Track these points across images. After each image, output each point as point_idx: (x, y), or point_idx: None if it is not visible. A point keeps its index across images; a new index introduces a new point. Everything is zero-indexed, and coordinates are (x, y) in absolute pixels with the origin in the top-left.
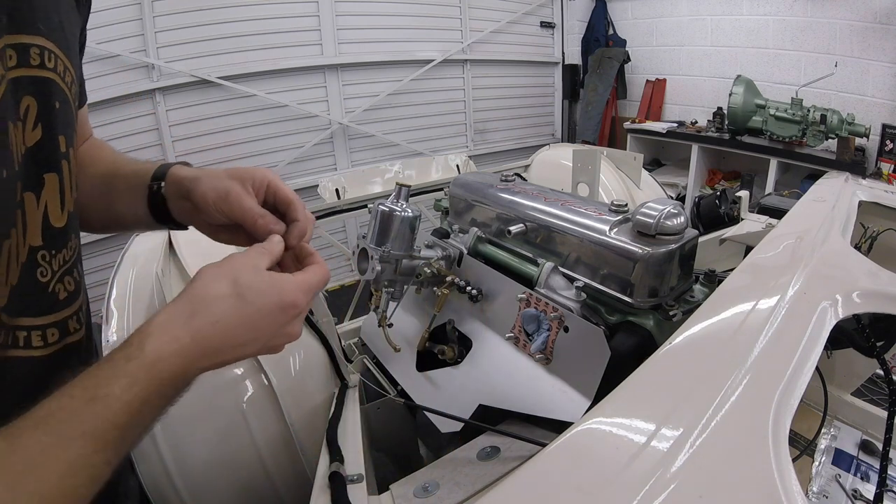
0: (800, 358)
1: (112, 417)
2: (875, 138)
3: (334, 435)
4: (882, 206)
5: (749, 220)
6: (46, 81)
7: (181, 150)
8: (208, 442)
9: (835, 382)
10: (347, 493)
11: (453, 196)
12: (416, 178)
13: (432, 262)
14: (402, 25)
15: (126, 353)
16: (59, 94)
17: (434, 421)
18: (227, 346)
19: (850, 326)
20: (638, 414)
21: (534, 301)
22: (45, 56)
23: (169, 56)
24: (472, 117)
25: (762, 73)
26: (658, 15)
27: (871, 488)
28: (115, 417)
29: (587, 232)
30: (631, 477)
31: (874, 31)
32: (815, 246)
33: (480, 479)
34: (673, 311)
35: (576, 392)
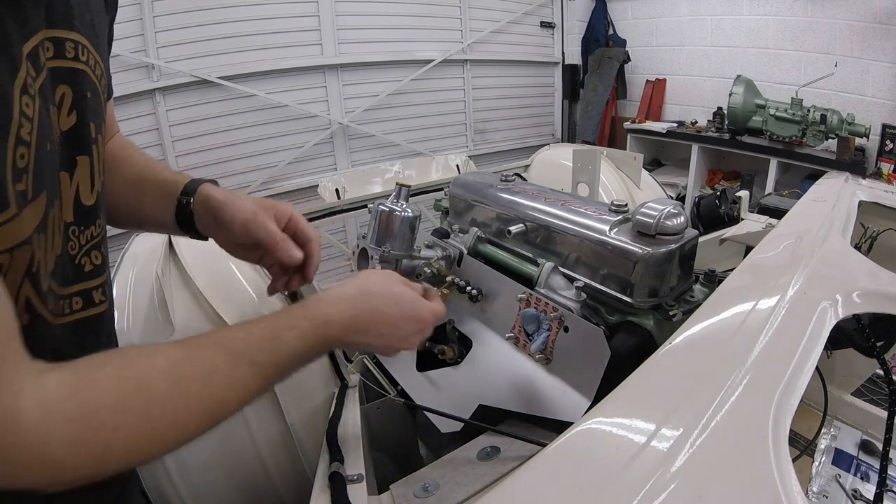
0: (800, 358)
1: (279, 357)
2: (875, 138)
3: (334, 435)
4: (882, 206)
5: (749, 220)
6: (80, 73)
7: (181, 150)
8: (208, 442)
9: (835, 382)
10: (347, 493)
11: (453, 196)
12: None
13: (432, 262)
14: (402, 25)
15: (303, 312)
16: (90, 84)
17: (434, 421)
18: (371, 331)
19: (850, 326)
20: (638, 414)
21: (534, 301)
22: (78, 50)
23: (169, 56)
24: (472, 117)
25: (762, 73)
26: (658, 15)
27: (871, 488)
28: (281, 358)
29: (587, 232)
30: (631, 477)
31: (874, 31)
32: (815, 246)
33: (480, 479)
34: (673, 311)
35: (576, 392)
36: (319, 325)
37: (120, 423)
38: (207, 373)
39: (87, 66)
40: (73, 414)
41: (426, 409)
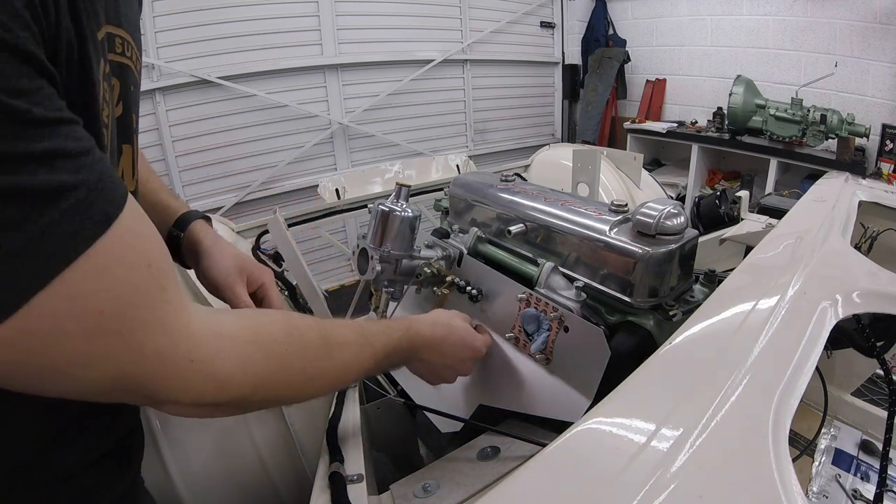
0: (800, 358)
1: (388, 347)
2: (875, 138)
3: (334, 435)
4: (882, 206)
5: (749, 220)
6: (126, 67)
7: (181, 150)
8: (208, 442)
9: (835, 382)
10: (347, 493)
11: (453, 196)
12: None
13: (432, 262)
14: (402, 25)
15: (404, 322)
16: (133, 79)
17: (434, 421)
18: (436, 350)
19: (850, 326)
20: (638, 414)
21: (534, 301)
22: (125, 46)
23: (169, 56)
24: (472, 117)
25: (762, 73)
26: (658, 15)
27: (871, 488)
28: (388, 349)
29: (587, 232)
30: (631, 477)
31: (874, 31)
32: (815, 246)
33: (480, 479)
34: (673, 311)
35: (576, 392)
36: (413, 335)
37: (284, 355)
38: (342, 342)
39: (131, 62)
40: (247, 337)
41: (426, 409)
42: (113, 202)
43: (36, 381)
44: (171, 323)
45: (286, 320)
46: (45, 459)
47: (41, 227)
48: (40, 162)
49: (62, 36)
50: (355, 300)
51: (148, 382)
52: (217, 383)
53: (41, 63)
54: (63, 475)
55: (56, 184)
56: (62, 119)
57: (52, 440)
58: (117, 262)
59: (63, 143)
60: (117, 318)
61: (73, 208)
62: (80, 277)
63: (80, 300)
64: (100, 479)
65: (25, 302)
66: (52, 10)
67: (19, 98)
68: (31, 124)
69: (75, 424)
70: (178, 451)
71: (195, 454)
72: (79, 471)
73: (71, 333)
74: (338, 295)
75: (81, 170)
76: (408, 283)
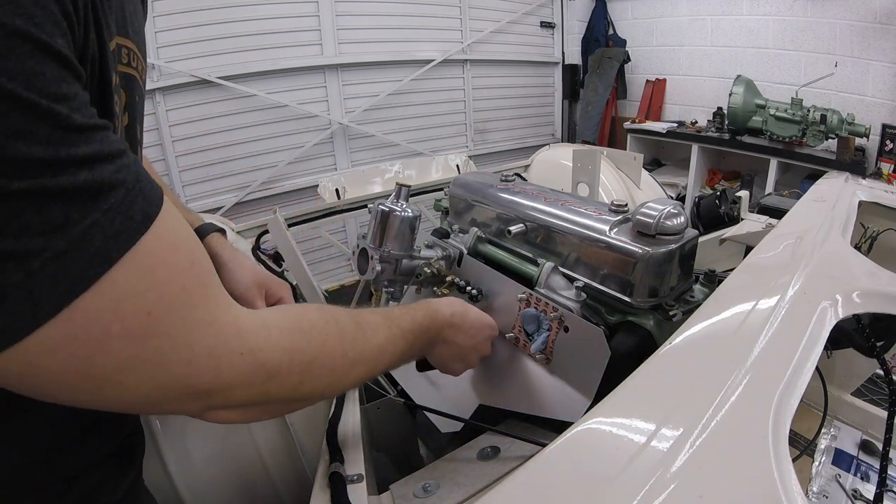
0: (800, 358)
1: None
2: (875, 138)
3: (334, 435)
4: (882, 206)
5: (749, 220)
6: (132, 78)
7: (181, 150)
8: (208, 441)
9: (835, 382)
10: (347, 493)
11: (453, 196)
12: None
13: (432, 262)
14: (402, 25)
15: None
16: (138, 89)
17: (434, 421)
18: (459, 329)
19: (850, 326)
20: (638, 414)
21: (534, 301)
22: (131, 56)
23: (169, 56)
24: (472, 117)
25: (762, 73)
26: (658, 15)
27: (871, 488)
28: (415, 328)
29: (587, 232)
30: (631, 477)
31: (874, 31)
32: (815, 246)
33: (480, 479)
34: (673, 311)
35: (576, 392)
36: (433, 312)
37: (325, 341)
38: (374, 326)
39: (136, 72)
40: (290, 325)
41: (426, 409)
42: (152, 202)
43: (82, 390)
44: (220, 318)
45: (320, 309)
46: (51, 462)
47: (83, 229)
48: (81, 165)
49: (90, 47)
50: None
51: (200, 382)
52: (267, 373)
53: (77, 70)
54: (67, 476)
55: (97, 185)
56: (97, 125)
57: (61, 445)
58: (161, 263)
59: (101, 147)
60: (165, 318)
61: (114, 209)
62: (125, 278)
63: (125, 301)
64: (102, 479)
65: (67, 304)
66: (82, 22)
67: (61, 102)
68: (72, 129)
69: (84, 428)
70: (179, 451)
71: (196, 454)
72: (82, 472)
73: (118, 336)
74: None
75: (120, 171)
76: (408, 283)
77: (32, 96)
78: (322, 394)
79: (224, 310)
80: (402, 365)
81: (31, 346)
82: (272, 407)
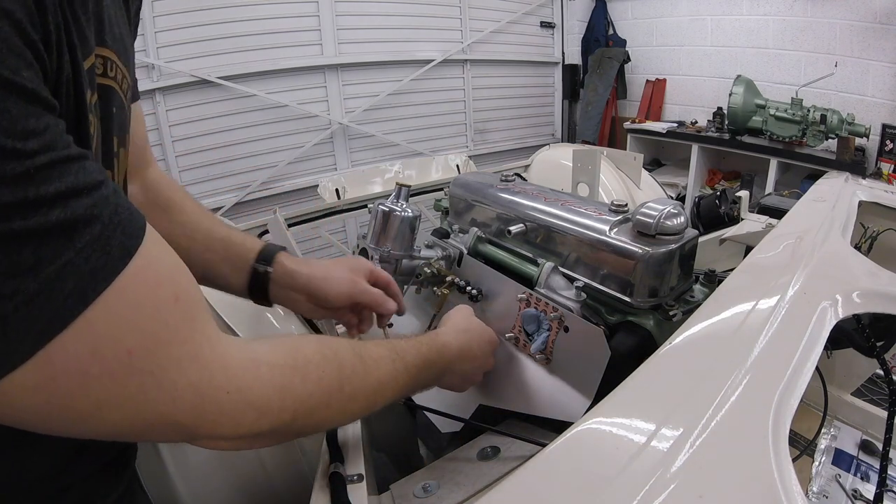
0: (800, 358)
1: (420, 362)
2: (875, 138)
3: (334, 435)
4: (882, 206)
5: (749, 220)
6: (108, 89)
7: (181, 150)
8: None
9: (835, 382)
10: (347, 493)
11: (453, 196)
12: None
13: (432, 262)
14: (402, 25)
15: (431, 337)
16: (116, 100)
17: (434, 421)
18: (468, 357)
19: (850, 326)
20: (638, 414)
21: (534, 301)
22: (107, 65)
23: (169, 56)
24: (472, 117)
25: (762, 73)
26: (658, 15)
27: (871, 488)
28: (421, 363)
29: (587, 232)
30: (631, 477)
31: (874, 31)
32: (815, 246)
33: (480, 479)
34: (673, 311)
35: (576, 392)
36: (441, 346)
37: (321, 377)
38: (376, 359)
39: (114, 82)
40: (284, 361)
41: (426, 409)
42: (132, 234)
43: (65, 425)
44: (206, 355)
45: (320, 341)
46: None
47: (56, 269)
48: (53, 203)
49: (64, 70)
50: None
51: (185, 420)
52: (256, 412)
53: (48, 102)
54: (65, 486)
55: (71, 222)
56: (71, 156)
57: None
58: (143, 298)
59: (75, 181)
60: (147, 357)
61: (89, 246)
62: (103, 318)
63: (104, 342)
64: (98, 486)
65: (42, 346)
66: (53, 48)
67: (30, 139)
68: (43, 167)
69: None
70: (178, 451)
71: (194, 454)
72: (80, 481)
73: (97, 377)
74: None
75: (96, 204)
76: (408, 283)
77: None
78: (317, 429)
79: (211, 345)
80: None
81: (8, 387)
82: (264, 440)
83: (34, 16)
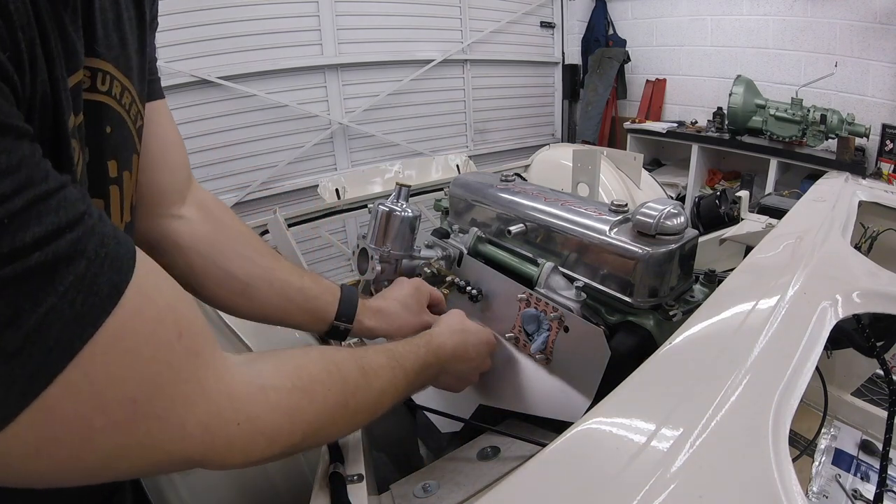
0: (800, 358)
1: (418, 366)
2: (875, 138)
3: None
4: (882, 206)
5: (749, 220)
6: (98, 105)
7: None
8: None
9: (835, 382)
10: (347, 493)
11: (453, 196)
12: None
13: (432, 262)
14: (402, 25)
15: (427, 338)
16: (112, 117)
17: (434, 421)
18: (462, 358)
19: (850, 326)
20: (638, 414)
21: (534, 301)
22: (97, 79)
23: (169, 56)
24: (472, 117)
25: (762, 73)
26: (658, 15)
27: (871, 488)
28: (419, 367)
29: (587, 232)
30: (631, 477)
31: (874, 31)
32: (815, 246)
33: (480, 479)
34: (673, 311)
35: (576, 392)
36: (436, 348)
37: (327, 396)
38: (376, 368)
39: (108, 97)
40: (291, 385)
41: (426, 409)
42: (120, 269)
43: (73, 480)
44: (212, 389)
45: (322, 356)
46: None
47: (38, 319)
48: (32, 248)
49: (38, 89)
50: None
51: (196, 454)
52: (267, 439)
53: (18, 128)
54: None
55: (51, 263)
56: (50, 190)
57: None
58: (141, 339)
59: (56, 220)
60: (152, 401)
61: (73, 287)
62: (99, 365)
63: (105, 392)
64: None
65: (25, 407)
66: (25, 66)
67: (3, 181)
68: (19, 212)
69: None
70: None
71: None
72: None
73: (102, 430)
74: None
75: (80, 239)
76: None
77: None
78: (322, 444)
79: (217, 377)
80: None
81: (5, 454)
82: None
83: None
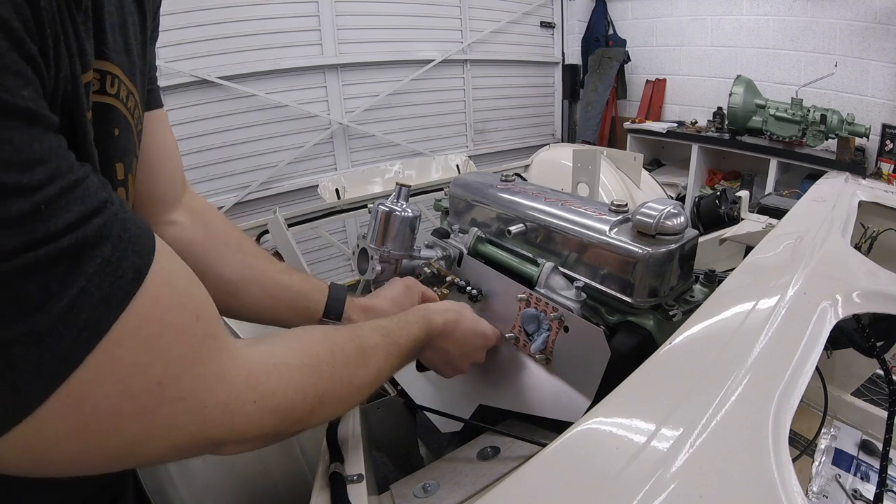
0: (800, 358)
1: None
2: (875, 138)
3: (334, 435)
4: (882, 206)
5: (749, 220)
6: (107, 107)
7: (181, 150)
8: None
9: (835, 382)
10: (347, 493)
11: (453, 196)
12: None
13: (432, 262)
14: (402, 25)
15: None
16: (119, 120)
17: (434, 421)
18: (449, 338)
19: (850, 326)
20: (638, 414)
21: (534, 301)
22: (106, 81)
23: (169, 56)
24: (472, 117)
25: (762, 73)
26: (658, 15)
27: (871, 488)
28: (411, 342)
29: (587, 232)
30: (631, 477)
31: (874, 31)
32: (815, 246)
33: (480, 479)
34: (673, 311)
35: (576, 392)
36: (427, 323)
37: (333, 373)
38: (373, 346)
39: (116, 100)
40: (300, 362)
41: (426, 409)
42: (143, 252)
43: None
44: (230, 370)
45: (325, 336)
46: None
47: (68, 302)
48: (63, 234)
49: (61, 85)
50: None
51: (216, 435)
52: (280, 415)
53: (49, 120)
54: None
55: (79, 246)
56: (77, 180)
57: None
58: (165, 322)
59: (83, 206)
60: (176, 383)
61: (100, 270)
62: (127, 348)
63: (132, 373)
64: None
65: (55, 389)
66: (52, 61)
67: (36, 169)
68: (52, 200)
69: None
70: None
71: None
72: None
73: (131, 413)
74: None
75: (106, 223)
76: None
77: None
78: (327, 420)
79: (233, 359)
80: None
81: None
82: (284, 437)
83: (31, 25)
